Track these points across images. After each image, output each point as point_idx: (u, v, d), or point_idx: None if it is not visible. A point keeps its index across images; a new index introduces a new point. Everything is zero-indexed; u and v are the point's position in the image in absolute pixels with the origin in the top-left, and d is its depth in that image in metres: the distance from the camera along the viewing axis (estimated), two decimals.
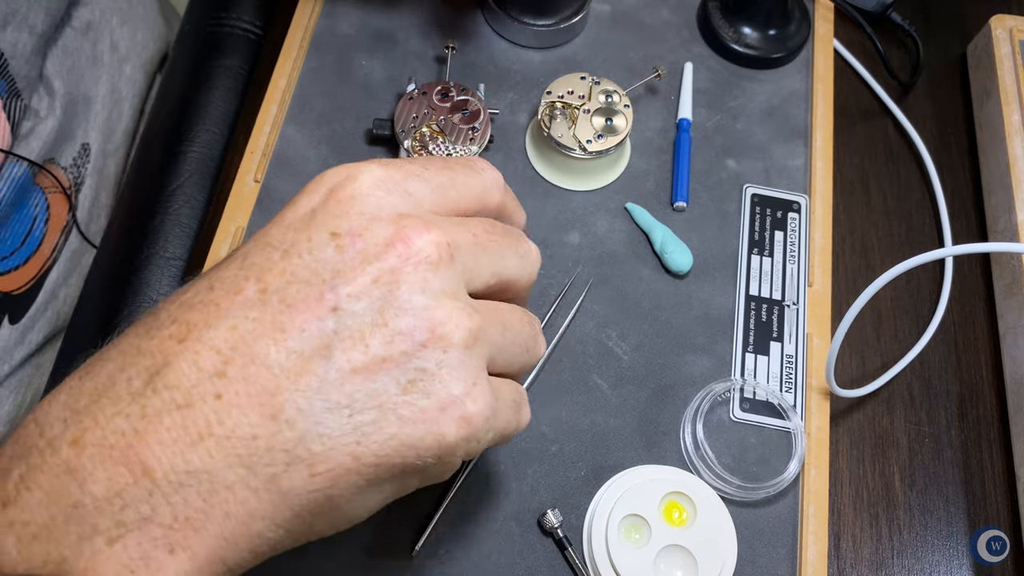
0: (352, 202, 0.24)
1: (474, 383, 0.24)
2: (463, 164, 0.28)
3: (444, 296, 0.24)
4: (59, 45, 0.47)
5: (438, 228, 0.24)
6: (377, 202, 0.24)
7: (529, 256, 0.28)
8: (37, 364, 0.46)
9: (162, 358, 0.22)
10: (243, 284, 0.23)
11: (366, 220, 0.24)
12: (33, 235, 0.45)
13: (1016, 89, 0.47)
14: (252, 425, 0.22)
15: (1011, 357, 0.42)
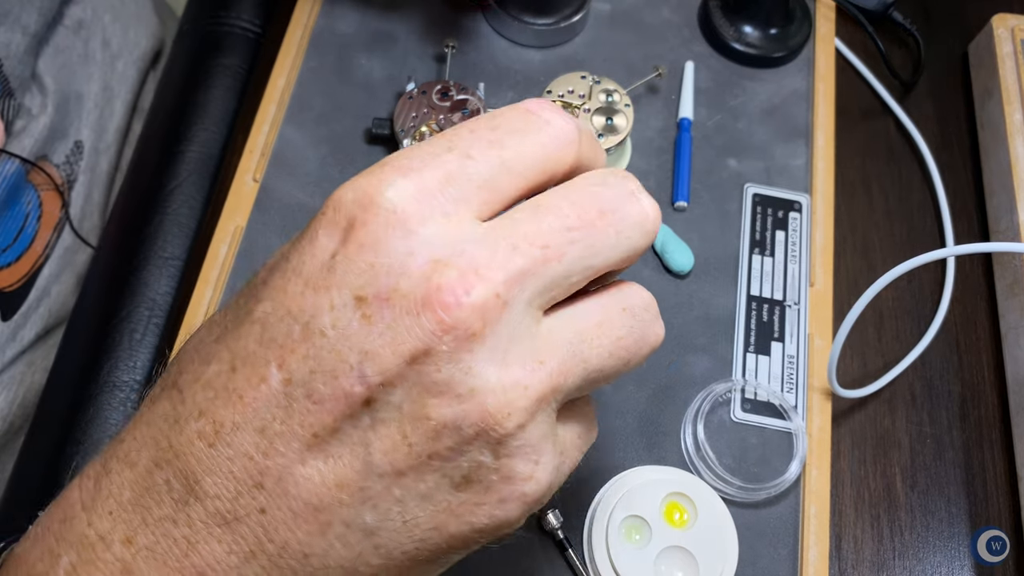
0: (377, 247, 0.20)
1: (536, 462, 0.21)
2: (518, 122, 0.22)
3: (495, 370, 0.20)
4: (51, 43, 0.47)
5: (484, 277, 0.20)
6: (407, 244, 0.20)
7: (637, 226, 0.22)
8: (29, 361, 0.46)
9: (195, 462, 0.21)
10: (265, 370, 0.20)
11: (394, 276, 0.20)
12: (25, 232, 0.45)
13: (1018, 88, 0.47)
14: (302, 543, 0.20)
15: (1013, 357, 0.42)
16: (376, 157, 0.44)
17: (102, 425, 0.39)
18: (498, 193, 0.21)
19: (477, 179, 0.21)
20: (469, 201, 0.21)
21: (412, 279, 0.20)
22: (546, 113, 0.22)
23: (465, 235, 0.20)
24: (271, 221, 0.42)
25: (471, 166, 0.21)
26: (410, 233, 0.20)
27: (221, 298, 0.40)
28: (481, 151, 0.21)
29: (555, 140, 0.22)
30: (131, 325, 0.41)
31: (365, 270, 0.20)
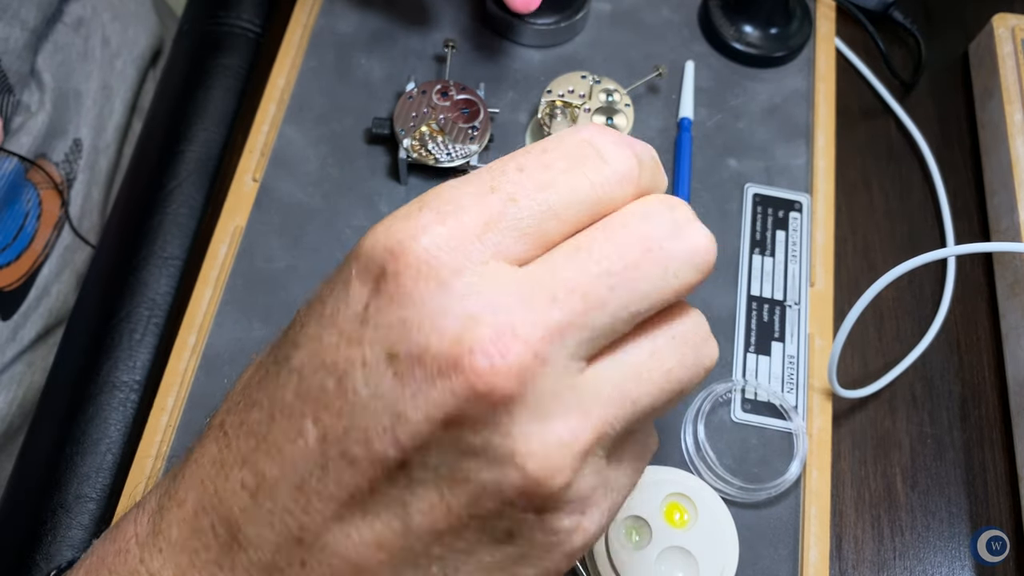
0: (409, 300, 0.19)
1: (583, 513, 0.20)
2: (572, 158, 0.20)
3: (536, 429, 0.19)
4: (50, 40, 0.47)
5: (520, 337, 0.18)
6: (440, 298, 0.18)
7: (688, 263, 0.20)
8: (29, 361, 0.46)
9: (239, 511, 0.21)
10: (301, 424, 0.20)
11: (426, 333, 0.18)
12: (25, 231, 0.45)
13: (1019, 88, 0.47)
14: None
15: (1014, 357, 0.42)
16: (376, 156, 0.44)
17: (101, 425, 0.39)
18: (542, 239, 0.20)
19: (520, 226, 0.20)
20: (509, 249, 0.19)
21: (444, 338, 0.18)
22: (607, 147, 0.21)
23: (502, 286, 0.19)
24: (271, 221, 0.42)
25: (515, 211, 0.20)
26: (443, 285, 0.19)
27: (221, 297, 0.40)
28: (528, 194, 0.20)
29: (611, 179, 0.20)
30: (131, 325, 0.41)
31: (397, 325, 0.19)
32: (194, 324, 0.40)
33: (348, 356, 0.19)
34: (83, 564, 0.23)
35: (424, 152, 0.42)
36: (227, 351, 0.39)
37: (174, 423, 0.37)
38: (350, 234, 0.42)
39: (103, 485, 0.38)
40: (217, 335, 0.39)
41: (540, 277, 0.19)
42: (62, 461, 0.38)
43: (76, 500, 0.37)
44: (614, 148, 0.21)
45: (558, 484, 0.19)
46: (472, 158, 0.42)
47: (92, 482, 0.38)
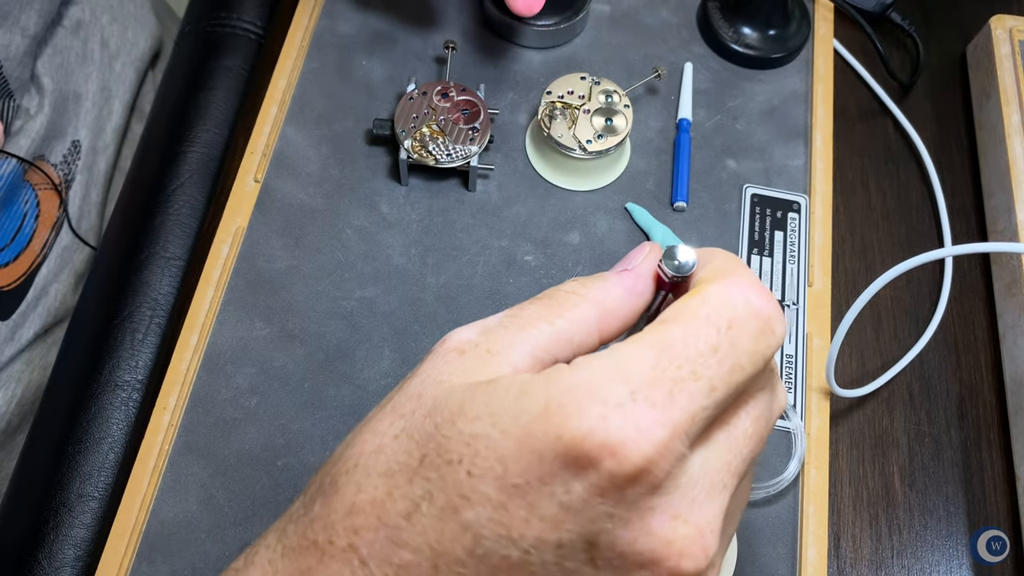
0: (621, 499, 0.19)
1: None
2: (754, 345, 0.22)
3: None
4: (50, 44, 0.47)
5: (713, 531, 0.20)
6: (649, 499, 0.20)
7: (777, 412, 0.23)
8: (28, 360, 0.46)
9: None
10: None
11: (633, 531, 0.20)
12: (23, 231, 0.45)
13: (1016, 89, 0.47)
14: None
15: (1011, 357, 0.42)
16: (377, 157, 0.45)
17: (104, 424, 0.39)
18: (718, 415, 0.22)
19: (713, 414, 0.21)
20: (698, 433, 0.21)
21: (653, 538, 0.19)
22: (777, 322, 0.22)
23: (693, 478, 0.20)
24: (272, 221, 0.43)
25: (712, 401, 0.20)
26: (654, 488, 0.19)
27: (222, 297, 0.40)
28: (724, 380, 0.21)
29: (774, 351, 0.22)
30: (133, 325, 0.41)
31: (602, 518, 0.19)
32: (196, 324, 0.40)
33: (541, 535, 0.19)
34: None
35: (425, 153, 0.42)
36: (229, 351, 0.39)
37: (176, 422, 0.38)
38: (351, 234, 0.43)
39: (105, 484, 0.38)
40: (219, 335, 0.40)
41: (712, 464, 0.21)
42: (64, 460, 0.38)
43: (78, 499, 0.37)
44: (781, 323, 0.22)
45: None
46: (472, 159, 0.42)
47: (94, 481, 0.38)
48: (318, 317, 0.40)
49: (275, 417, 0.38)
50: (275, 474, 0.37)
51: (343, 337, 0.40)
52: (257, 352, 0.39)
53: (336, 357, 0.40)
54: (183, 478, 0.37)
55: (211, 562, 0.35)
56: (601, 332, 0.24)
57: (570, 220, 0.44)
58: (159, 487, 0.36)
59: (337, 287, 0.41)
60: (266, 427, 0.38)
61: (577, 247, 0.43)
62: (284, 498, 0.37)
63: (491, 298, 0.41)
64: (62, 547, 0.37)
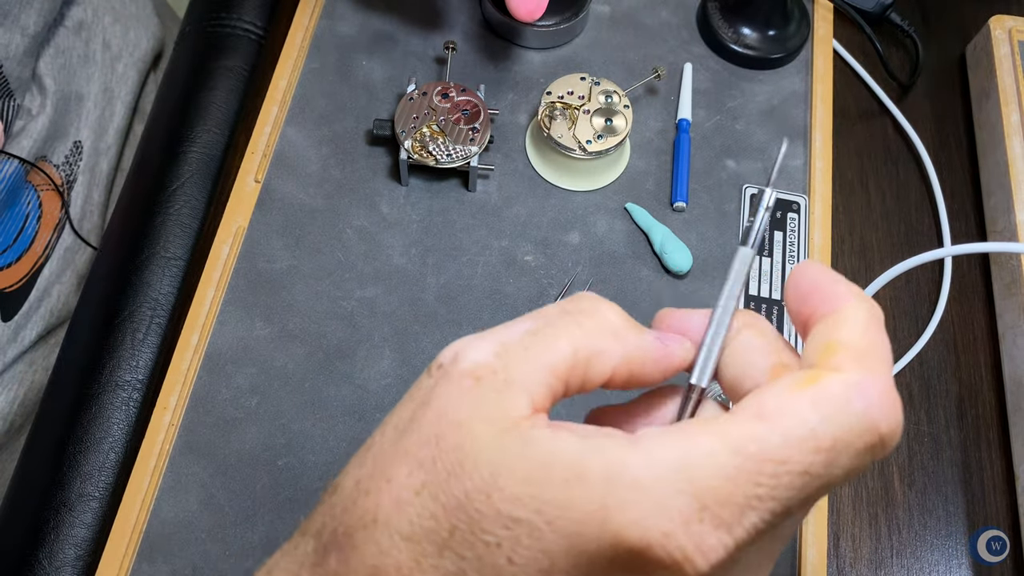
0: (479, 512, 0.18)
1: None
2: (857, 457, 0.19)
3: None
4: (51, 44, 0.47)
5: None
6: (511, 509, 0.18)
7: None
8: (30, 361, 0.46)
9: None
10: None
11: (495, 547, 0.18)
12: (26, 233, 0.45)
13: (1015, 90, 0.47)
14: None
15: (1010, 357, 0.42)
16: (377, 157, 0.45)
17: (104, 424, 0.39)
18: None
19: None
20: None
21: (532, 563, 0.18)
22: (892, 441, 0.20)
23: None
24: (273, 221, 0.43)
25: (783, 517, 0.19)
26: (518, 493, 0.18)
27: (223, 297, 0.41)
28: (801, 503, 0.19)
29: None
30: (133, 325, 0.41)
31: (468, 525, 0.18)
32: (196, 324, 0.40)
33: (411, 557, 0.18)
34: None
35: (425, 153, 0.42)
36: (229, 351, 0.39)
37: (176, 422, 0.38)
38: (351, 234, 0.43)
39: (106, 484, 0.38)
40: (219, 335, 0.40)
41: (752, 558, 0.20)
42: (65, 460, 0.38)
43: (79, 498, 0.37)
44: (896, 436, 0.20)
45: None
46: (472, 159, 0.42)
47: (95, 481, 0.38)
48: (318, 317, 0.40)
49: (275, 417, 0.38)
50: (275, 474, 0.37)
51: (343, 337, 0.40)
52: (257, 352, 0.39)
53: (336, 357, 0.40)
54: (184, 478, 0.37)
55: (212, 562, 0.35)
56: (616, 373, 0.22)
57: (570, 220, 0.44)
58: (160, 487, 0.36)
59: (337, 287, 0.41)
60: (266, 427, 0.38)
61: (577, 247, 0.43)
62: (284, 498, 0.37)
63: (491, 298, 0.41)
64: (63, 547, 0.37)
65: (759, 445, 0.18)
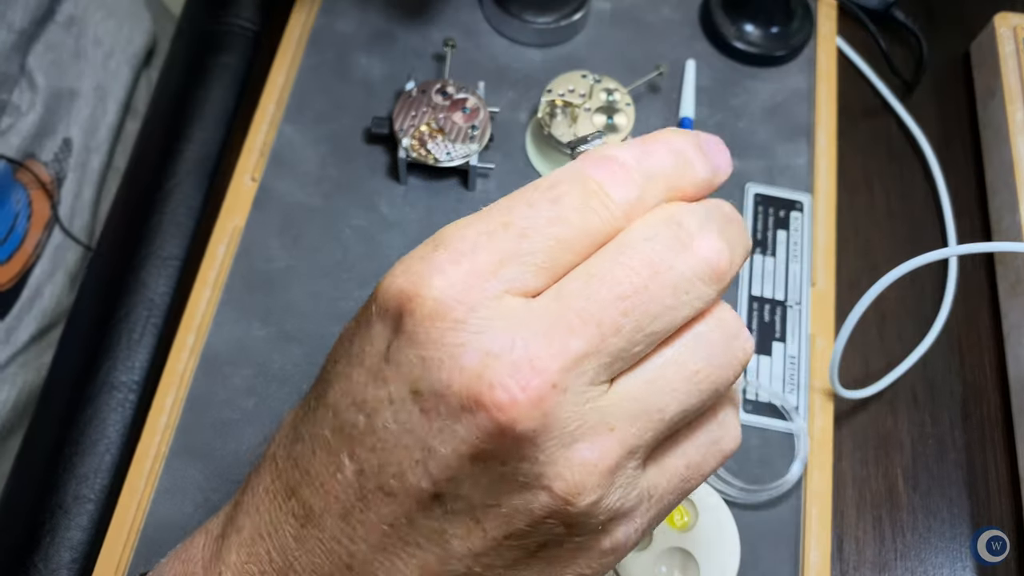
0: (427, 340, 0.19)
1: (616, 525, 0.21)
2: (580, 199, 0.20)
3: (561, 453, 0.19)
4: (41, 40, 0.47)
5: (538, 369, 0.19)
6: (456, 336, 0.19)
7: (700, 276, 0.20)
8: (23, 362, 0.46)
9: (291, 539, 0.22)
10: (339, 459, 0.21)
11: (447, 371, 0.19)
12: (15, 232, 0.44)
13: (1020, 88, 0.47)
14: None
15: (1015, 357, 0.42)
16: (376, 156, 0.44)
17: (100, 425, 0.39)
18: (556, 271, 0.20)
19: (534, 260, 0.20)
20: (524, 283, 0.20)
21: (464, 375, 0.19)
22: (607, 180, 0.21)
23: (518, 321, 0.19)
24: (270, 221, 0.42)
25: (527, 246, 0.20)
26: (459, 324, 0.19)
27: (219, 298, 0.40)
28: (539, 229, 0.20)
29: (617, 213, 0.21)
30: (129, 325, 0.41)
31: (417, 363, 0.19)
32: (193, 324, 0.39)
33: (376, 394, 0.20)
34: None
35: (424, 151, 0.41)
36: (226, 351, 0.39)
37: (173, 424, 0.37)
38: (349, 234, 0.42)
39: (102, 486, 0.38)
40: (216, 335, 0.39)
41: (554, 309, 0.20)
42: (60, 462, 0.38)
43: (74, 501, 0.37)
44: (615, 177, 0.21)
45: (586, 502, 0.20)
46: (472, 157, 0.42)
47: (91, 483, 0.38)
48: (316, 317, 0.40)
49: (273, 418, 0.38)
50: None
51: None
52: (254, 353, 0.39)
53: None
54: (180, 480, 0.36)
55: None
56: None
57: None
58: (156, 489, 0.36)
59: (336, 287, 0.41)
60: (264, 428, 0.38)
61: None
62: None
63: None
64: (58, 550, 0.36)
65: (494, 205, 0.21)
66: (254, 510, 0.23)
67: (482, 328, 0.19)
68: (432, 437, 0.19)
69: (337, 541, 0.21)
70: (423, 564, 0.21)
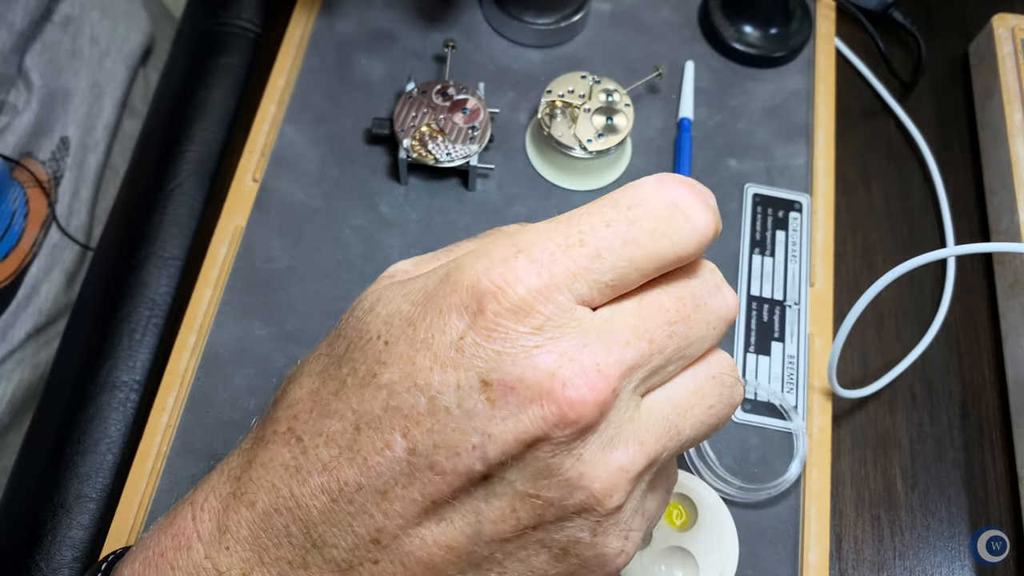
0: (505, 337, 0.21)
1: (627, 537, 0.23)
2: (657, 223, 0.22)
3: (602, 456, 0.21)
4: (39, 39, 0.47)
5: (604, 374, 0.21)
6: (533, 338, 0.21)
7: (723, 319, 0.24)
8: (19, 360, 0.46)
9: (317, 514, 0.22)
10: (390, 437, 0.22)
11: (520, 367, 0.21)
12: (12, 230, 0.45)
13: (1018, 88, 0.47)
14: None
15: (1013, 357, 0.42)
16: (376, 156, 0.44)
17: (101, 425, 0.39)
18: (620, 289, 0.22)
19: (604, 279, 0.22)
20: (591, 297, 0.22)
21: (538, 372, 0.21)
22: (691, 208, 0.23)
23: (585, 330, 0.21)
24: (271, 221, 0.42)
25: (599, 266, 0.22)
26: (538, 328, 0.21)
27: (221, 298, 0.40)
28: (613, 250, 0.22)
29: (691, 239, 0.23)
30: (130, 325, 0.41)
31: (492, 357, 0.21)
32: (194, 324, 0.40)
33: (443, 380, 0.21)
34: (137, 556, 0.24)
35: (424, 152, 0.42)
36: (227, 351, 0.39)
37: (174, 423, 0.37)
38: (350, 234, 0.42)
39: (103, 485, 0.38)
40: (217, 335, 0.39)
41: (615, 323, 0.22)
42: (62, 461, 0.38)
43: (76, 500, 0.37)
44: (698, 209, 0.23)
45: (614, 504, 0.22)
46: (472, 158, 0.42)
47: (92, 482, 0.38)
48: (317, 317, 0.40)
49: None
50: None
51: None
52: (256, 353, 0.39)
53: None
54: (181, 479, 0.36)
55: None
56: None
57: None
58: (157, 488, 0.36)
59: (336, 287, 0.41)
60: None
61: None
62: None
63: None
64: (60, 549, 0.36)
65: (569, 215, 0.23)
66: (270, 486, 0.23)
67: (556, 334, 0.21)
68: (495, 424, 0.21)
69: (370, 516, 0.22)
70: (451, 542, 0.22)
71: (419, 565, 0.22)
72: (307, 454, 0.23)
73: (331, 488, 0.22)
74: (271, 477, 0.23)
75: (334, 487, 0.22)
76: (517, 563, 0.22)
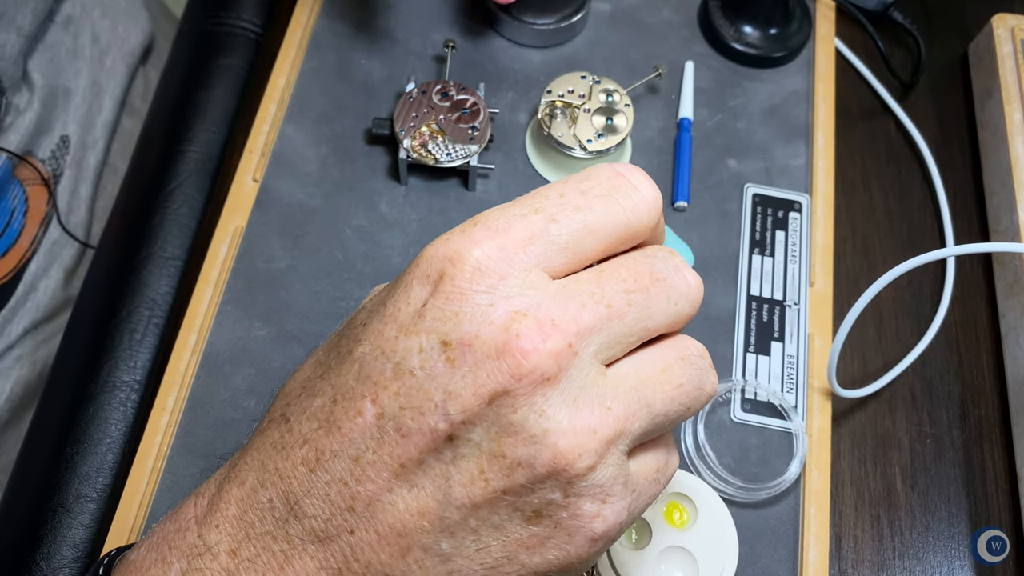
0: (462, 298, 0.22)
1: (604, 501, 0.23)
2: (607, 192, 0.24)
3: (567, 413, 0.22)
4: (41, 40, 0.47)
5: (558, 328, 0.22)
6: (489, 296, 0.22)
7: (684, 296, 0.24)
8: (17, 356, 0.46)
9: (297, 485, 0.23)
10: (361, 404, 0.23)
11: (476, 324, 0.22)
12: (12, 227, 0.45)
13: (1018, 88, 0.47)
14: (384, 564, 0.23)
15: (1013, 357, 0.42)
16: (376, 157, 0.44)
17: (102, 425, 0.39)
18: (579, 254, 0.23)
19: (561, 238, 0.23)
20: (549, 260, 0.23)
21: (493, 327, 0.22)
22: (637, 178, 0.24)
23: (541, 290, 0.22)
24: (271, 221, 0.42)
25: (555, 228, 0.23)
26: (492, 287, 0.22)
27: (221, 297, 0.40)
28: (567, 215, 0.23)
29: (640, 205, 0.24)
30: (131, 325, 0.41)
31: (451, 317, 0.22)
32: (194, 324, 0.40)
33: (406, 345, 0.22)
34: (144, 543, 0.25)
35: (424, 152, 0.42)
36: (227, 351, 0.39)
37: (174, 423, 0.38)
38: (350, 234, 0.42)
39: (103, 485, 0.38)
40: (217, 335, 0.39)
41: (572, 288, 0.23)
42: (62, 461, 0.38)
43: (76, 500, 0.37)
44: (644, 179, 0.24)
45: (583, 465, 0.22)
46: (472, 158, 0.42)
47: (92, 482, 0.38)
48: (317, 317, 0.40)
49: None
50: None
51: None
52: (256, 353, 0.39)
53: None
54: (181, 479, 0.36)
55: None
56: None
57: None
58: (157, 488, 0.36)
59: (336, 287, 0.41)
60: None
61: None
62: None
63: None
64: (60, 548, 0.36)
65: (530, 193, 0.24)
66: (259, 465, 0.24)
67: (511, 293, 0.22)
68: (455, 382, 0.22)
69: (344, 483, 0.22)
70: (423, 508, 0.22)
71: (393, 533, 0.22)
72: (292, 431, 0.24)
73: (310, 459, 0.23)
74: (260, 456, 0.24)
75: (312, 457, 0.23)
76: (492, 529, 0.22)
